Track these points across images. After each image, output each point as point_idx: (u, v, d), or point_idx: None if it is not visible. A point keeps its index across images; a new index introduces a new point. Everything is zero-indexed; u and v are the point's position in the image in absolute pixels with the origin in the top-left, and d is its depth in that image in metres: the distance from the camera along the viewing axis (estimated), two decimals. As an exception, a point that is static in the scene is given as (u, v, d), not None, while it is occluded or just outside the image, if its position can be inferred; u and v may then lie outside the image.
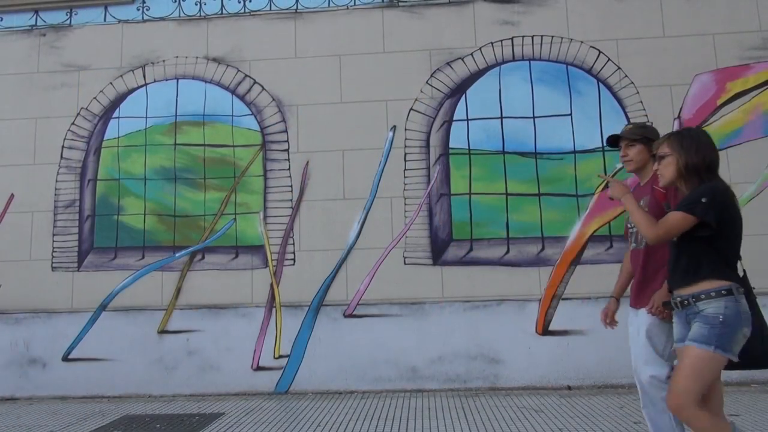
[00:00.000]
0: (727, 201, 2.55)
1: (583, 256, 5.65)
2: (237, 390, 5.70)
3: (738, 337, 2.45)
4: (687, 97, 5.78)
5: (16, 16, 6.47)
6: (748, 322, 2.47)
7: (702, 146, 2.59)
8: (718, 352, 2.42)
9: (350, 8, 6.19)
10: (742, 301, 2.50)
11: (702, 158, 2.57)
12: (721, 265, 2.55)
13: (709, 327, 2.45)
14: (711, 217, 2.49)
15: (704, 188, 2.54)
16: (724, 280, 2.52)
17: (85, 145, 6.21)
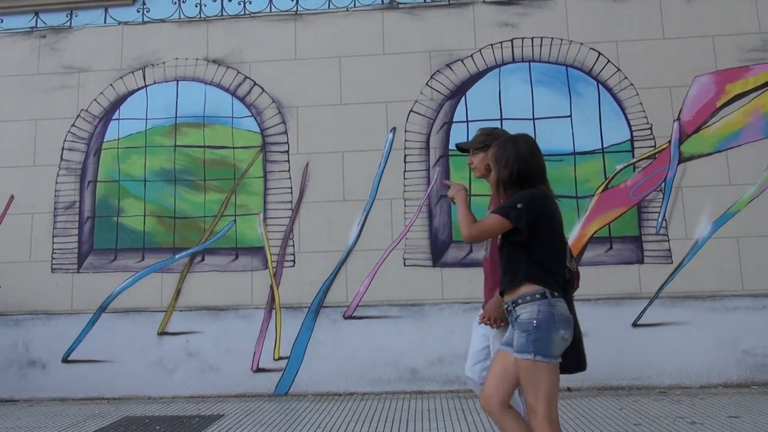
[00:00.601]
0: (542, 208, 2.54)
1: (583, 258, 5.65)
2: (237, 392, 5.69)
3: (554, 339, 2.44)
4: (687, 99, 5.79)
5: (16, 18, 6.48)
6: (565, 325, 2.47)
7: (513, 159, 2.59)
8: (539, 359, 2.43)
9: (350, 10, 6.20)
10: (558, 304, 2.48)
11: (510, 172, 2.59)
12: (537, 270, 2.52)
13: (526, 334, 2.45)
14: (523, 223, 2.50)
15: (522, 194, 2.56)
16: (539, 285, 2.50)
17: (85, 147, 6.21)
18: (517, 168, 2.58)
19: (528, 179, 2.59)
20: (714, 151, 5.71)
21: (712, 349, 5.43)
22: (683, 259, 5.58)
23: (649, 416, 4.47)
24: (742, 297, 5.48)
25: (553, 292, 2.49)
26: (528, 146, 2.64)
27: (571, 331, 2.50)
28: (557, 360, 2.47)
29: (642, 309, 5.53)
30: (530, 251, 2.53)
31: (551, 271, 2.54)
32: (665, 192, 5.69)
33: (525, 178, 2.59)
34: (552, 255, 2.57)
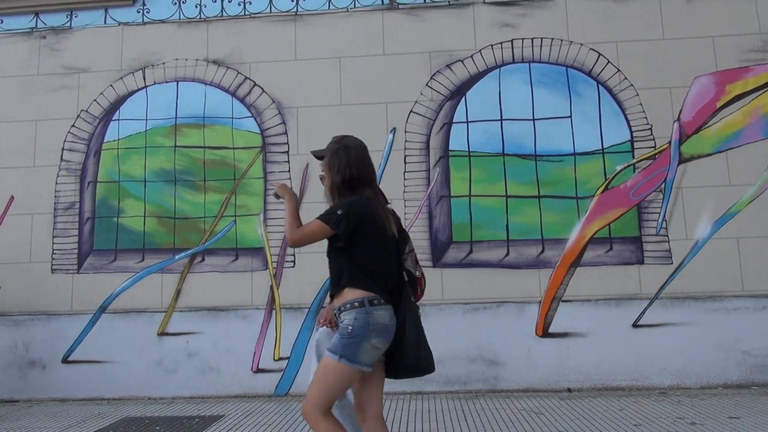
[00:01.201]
0: (364, 214, 2.56)
1: (583, 259, 5.65)
2: (237, 392, 5.69)
3: (365, 347, 2.48)
4: (687, 99, 5.79)
5: (16, 19, 6.48)
6: (379, 333, 2.50)
7: (344, 165, 2.65)
8: (342, 361, 2.48)
9: (350, 10, 6.20)
10: (376, 312, 2.52)
11: (342, 178, 2.64)
12: (360, 276, 2.55)
13: (340, 337, 2.52)
14: (341, 229, 2.54)
15: (344, 201, 2.61)
16: (361, 291, 2.54)
17: (85, 147, 6.21)
18: (348, 174, 2.64)
19: (359, 185, 2.64)
20: (714, 152, 5.71)
21: (713, 350, 5.43)
22: (683, 260, 5.58)
23: (650, 417, 4.47)
24: (743, 297, 5.48)
25: (373, 300, 2.53)
26: (359, 153, 2.70)
27: (385, 340, 2.54)
28: (361, 368, 2.51)
29: (642, 309, 5.53)
30: (353, 257, 2.57)
31: (374, 277, 2.57)
32: (665, 192, 5.69)
33: (356, 183, 2.64)
34: (375, 260, 2.59)
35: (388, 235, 2.63)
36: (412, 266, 2.84)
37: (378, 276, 2.58)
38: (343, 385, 2.56)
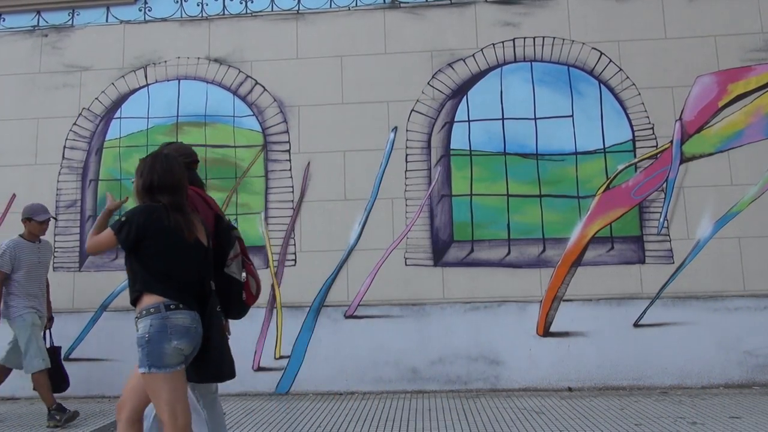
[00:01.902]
0: (147, 221, 2.59)
1: (584, 258, 5.65)
2: (237, 391, 5.69)
3: (166, 351, 2.51)
4: (689, 99, 5.78)
5: (18, 17, 6.48)
6: (180, 336, 2.53)
7: (147, 171, 2.69)
8: (153, 371, 2.51)
9: (352, 9, 6.19)
10: (174, 316, 2.55)
11: (143, 183, 2.70)
12: (154, 282, 2.59)
13: (140, 349, 2.56)
14: (122, 236, 2.58)
15: (133, 208, 2.66)
16: (157, 297, 2.57)
17: (86, 146, 6.21)
18: (148, 180, 2.68)
19: (157, 191, 2.67)
20: (716, 152, 5.70)
21: (714, 350, 5.42)
22: (685, 260, 5.58)
23: (651, 416, 4.47)
24: (744, 297, 5.47)
25: (170, 305, 2.55)
26: (168, 161, 2.74)
27: (187, 342, 2.56)
28: (174, 369, 2.53)
29: (643, 309, 5.53)
30: (145, 263, 2.61)
31: (171, 283, 2.59)
32: (667, 192, 5.68)
33: (155, 190, 2.67)
34: (171, 267, 2.61)
35: (189, 243, 2.64)
36: (237, 271, 2.89)
37: (176, 282, 2.60)
38: (174, 388, 2.56)
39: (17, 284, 4.81)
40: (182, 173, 2.75)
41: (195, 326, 2.58)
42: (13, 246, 4.85)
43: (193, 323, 2.57)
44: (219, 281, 2.83)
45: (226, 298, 2.85)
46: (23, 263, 4.84)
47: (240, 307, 2.97)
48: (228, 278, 2.87)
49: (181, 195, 2.70)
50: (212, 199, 3.12)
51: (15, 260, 4.81)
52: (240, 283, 2.91)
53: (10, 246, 4.83)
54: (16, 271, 4.81)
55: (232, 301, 2.89)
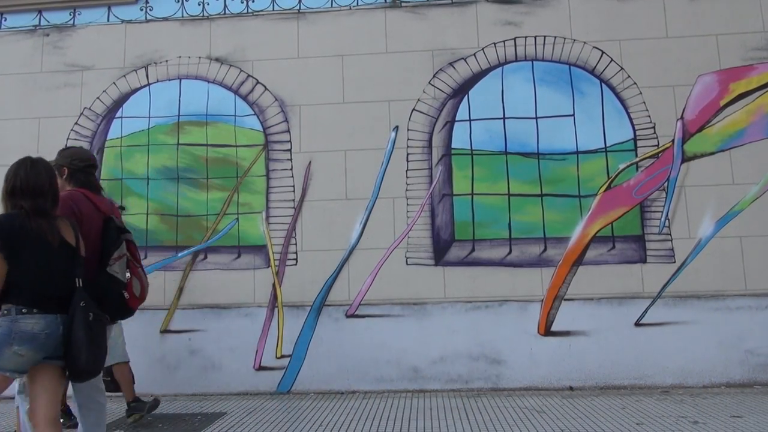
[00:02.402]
0: (8, 229, 2.65)
1: (586, 257, 5.65)
2: (239, 390, 5.70)
3: (6, 354, 2.58)
4: (690, 98, 5.77)
5: (19, 16, 6.49)
6: (23, 341, 2.59)
7: (11, 176, 2.76)
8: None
9: (353, 8, 6.19)
10: (23, 321, 2.60)
11: (5, 188, 2.76)
12: (12, 286, 2.64)
13: None
14: None
15: None
16: (12, 300, 2.63)
17: (88, 145, 6.21)
18: (11, 185, 2.74)
19: (19, 196, 2.72)
20: (717, 151, 5.69)
21: (715, 349, 5.42)
22: (686, 259, 5.57)
23: (652, 416, 4.47)
24: (745, 296, 5.47)
25: (22, 309, 2.61)
26: (31, 165, 2.79)
27: (29, 347, 2.61)
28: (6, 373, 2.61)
29: (645, 308, 5.52)
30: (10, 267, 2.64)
31: (27, 287, 2.64)
32: (668, 191, 5.67)
33: (17, 194, 2.73)
34: (31, 270, 2.66)
35: (53, 246, 2.70)
36: (120, 271, 2.95)
37: (34, 286, 2.65)
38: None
39: None
40: (48, 178, 2.80)
41: (47, 332, 2.64)
42: None
43: (46, 328, 2.64)
44: (101, 280, 2.92)
45: (106, 298, 2.91)
46: None
47: (121, 307, 3.02)
48: (109, 277, 2.94)
49: (45, 199, 2.75)
50: (105, 201, 3.23)
51: None
52: (121, 284, 2.98)
53: None
54: None
55: (113, 300, 2.95)
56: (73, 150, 3.35)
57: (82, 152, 3.34)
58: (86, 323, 2.69)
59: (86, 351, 2.68)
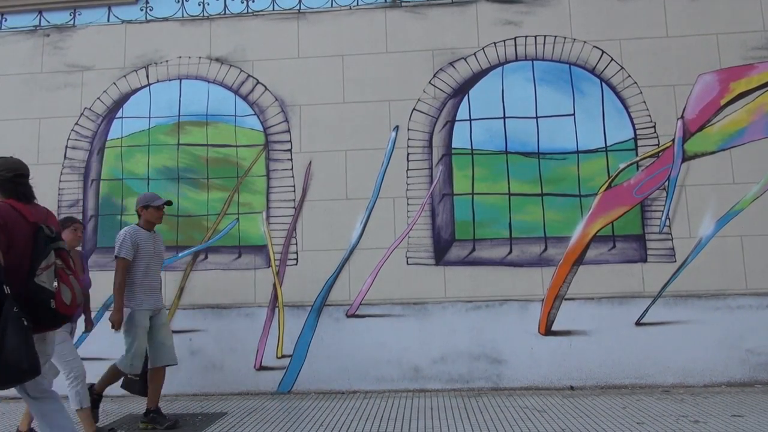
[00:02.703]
0: None
1: (586, 257, 5.65)
2: (240, 390, 5.71)
3: None
4: (690, 97, 5.77)
5: (19, 17, 6.49)
6: None
7: None
8: None
9: (353, 8, 6.19)
10: None
11: None
12: None
13: None
14: None
15: None
16: None
17: (88, 145, 6.22)
18: None
19: None
20: (718, 150, 5.69)
21: (716, 348, 5.42)
22: (687, 258, 5.57)
23: (653, 415, 4.47)
24: (746, 296, 5.47)
25: None
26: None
27: None
28: None
29: (645, 308, 5.52)
30: None
31: None
32: (669, 190, 5.67)
33: None
34: None
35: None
36: (47, 281, 2.98)
37: None
38: None
39: (137, 275, 4.60)
40: None
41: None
42: (133, 232, 4.61)
43: None
44: (29, 289, 2.93)
45: (33, 306, 2.93)
46: (143, 252, 4.61)
47: (50, 316, 3.01)
48: (37, 287, 2.95)
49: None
50: (37, 210, 3.24)
51: (136, 247, 4.58)
52: (49, 293, 2.97)
53: (129, 232, 4.60)
54: (136, 260, 4.59)
55: (40, 309, 2.95)
56: (1, 161, 3.37)
57: (10, 162, 3.36)
58: (19, 326, 2.72)
59: (25, 355, 2.72)
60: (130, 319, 4.56)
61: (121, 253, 4.53)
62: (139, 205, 4.79)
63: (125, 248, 4.54)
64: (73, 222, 4.59)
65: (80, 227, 4.63)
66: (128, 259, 4.54)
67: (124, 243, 4.54)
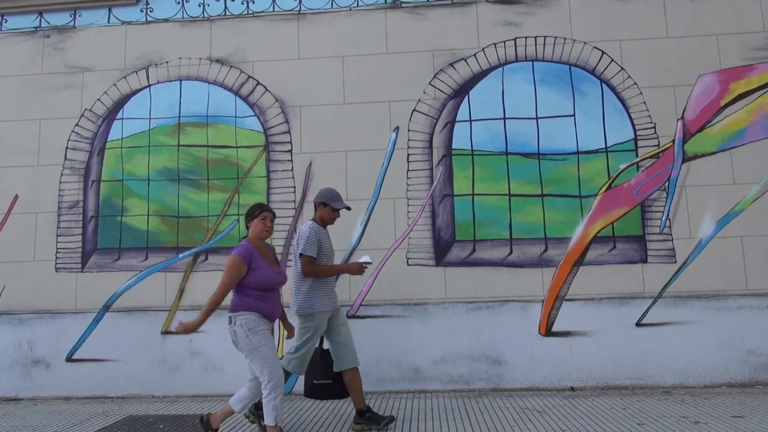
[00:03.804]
0: None
1: (586, 257, 5.65)
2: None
3: None
4: (690, 98, 5.77)
5: (20, 18, 6.50)
6: None
7: None
8: None
9: (353, 9, 6.20)
10: None
11: None
12: None
13: None
14: None
15: None
16: None
17: (88, 147, 6.23)
18: None
19: None
20: (718, 150, 5.69)
21: (716, 349, 5.42)
22: (687, 259, 5.57)
23: (653, 416, 4.46)
24: (746, 296, 5.47)
25: None
26: None
27: None
28: None
29: (646, 308, 5.52)
30: None
31: None
32: (669, 191, 5.67)
33: None
34: None
35: None
36: None
37: None
38: None
39: None
40: None
41: None
42: (316, 229, 4.38)
43: None
44: None
45: None
46: (324, 250, 4.39)
47: None
48: None
49: None
50: None
51: (318, 246, 4.34)
52: None
53: (314, 229, 4.36)
54: (317, 259, 4.34)
55: None
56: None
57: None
58: None
59: None
60: (310, 320, 4.31)
61: (307, 250, 4.28)
62: (318, 200, 4.54)
63: (311, 246, 4.29)
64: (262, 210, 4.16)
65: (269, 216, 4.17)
66: (314, 256, 4.29)
67: (310, 240, 4.30)
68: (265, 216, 4.09)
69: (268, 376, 3.80)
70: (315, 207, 4.57)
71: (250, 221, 4.10)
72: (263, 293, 3.94)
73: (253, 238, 4.06)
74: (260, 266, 3.92)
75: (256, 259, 3.93)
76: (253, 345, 3.85)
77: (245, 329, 3.87)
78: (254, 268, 3.90)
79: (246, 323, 3.88)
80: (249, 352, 3.87)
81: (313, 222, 4.47)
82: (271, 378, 3.80)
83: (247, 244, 4.00)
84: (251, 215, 4.10)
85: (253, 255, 3.92)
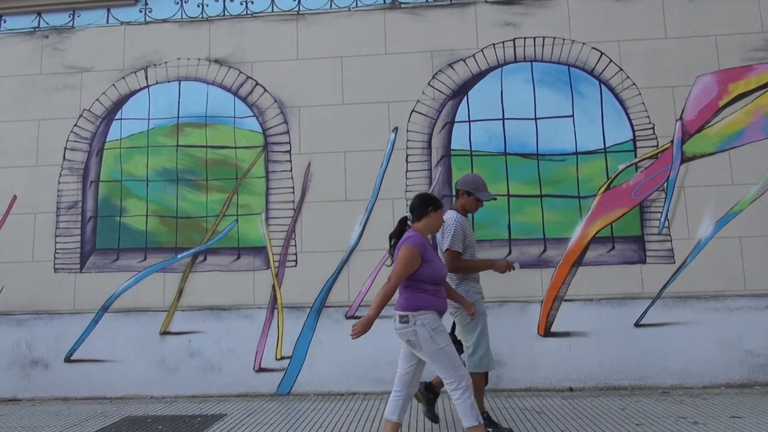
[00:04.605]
0: None
1: (585, 258, 5.65)
2: (239, 391, 5.70)
3: None
4: (689, 99, 5.78)
5: (18, 18, 6.49)
6: None
7: None
8: None
9: (352, 10, 6.20)
10: None
11: None
12: None
13: None
14: None
15: None
16: None
17: (87, 147, 6.22)
18: None
19: None
20: (716, 151, 5.70)
21: (715, 350, 5.42)
22: (686, 259, 5.58)
23: (652, 416, 4.47)
24: (745, 297, 5.47)
25: None
26: None
27: None
28: None
29: (644, 309, 5.52)
30: None
31: None
32: (667, 192, 5.68)
33: None
34: None
35: None
36: None
37: None
38: None
39: None
40: None
41: None
42: (461, 222, 4.16)
43: None
44: None
45: None
46: (468, 242, 4.19)
47: None
48: None
49: None
50: None
51: (463, 239, 4.14)
52: None
53: (458, 221, 4.14)
54: (463, 252, 4.16)
55: None
56: None
57: None
58: None
59: None
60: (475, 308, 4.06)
61: (454, 245, 4.09)
62: (462, 187, 4.26)
63: (457, 240, 4.10)
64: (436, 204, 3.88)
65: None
66: (461, 252, 4.12)
67: (456, 235, 4.10)
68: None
69: (458, 378, 3.56)
70: (457, 194, 4.31)
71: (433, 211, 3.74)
72: (435, 287, 3.69)
73: (424, 229, 3.75)
74: (433, 258, 3.66)
75: (429, 250, 3.67)
76: (438, 345, 3.57)
77: (428, 329, 3.60)
78: (428, 260, 3.62)
79: (429, 323, 3.61)
80: (433, 353, 3.58)
81: (455, 212, 4.22)
82: (461, 378, 3.57)
83: (418, 235, 3.69)
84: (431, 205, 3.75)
85: (426, 246, 3.66)
